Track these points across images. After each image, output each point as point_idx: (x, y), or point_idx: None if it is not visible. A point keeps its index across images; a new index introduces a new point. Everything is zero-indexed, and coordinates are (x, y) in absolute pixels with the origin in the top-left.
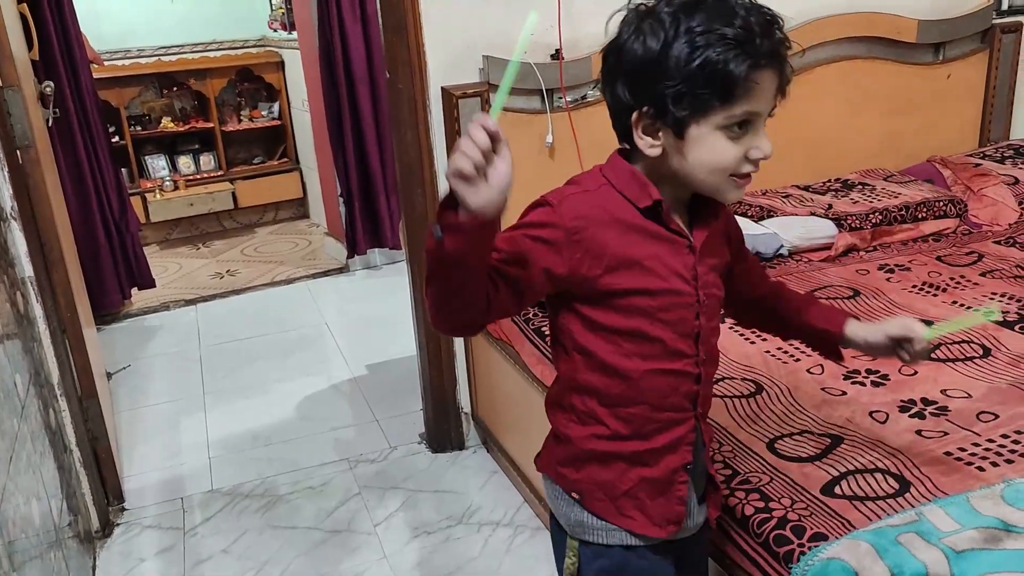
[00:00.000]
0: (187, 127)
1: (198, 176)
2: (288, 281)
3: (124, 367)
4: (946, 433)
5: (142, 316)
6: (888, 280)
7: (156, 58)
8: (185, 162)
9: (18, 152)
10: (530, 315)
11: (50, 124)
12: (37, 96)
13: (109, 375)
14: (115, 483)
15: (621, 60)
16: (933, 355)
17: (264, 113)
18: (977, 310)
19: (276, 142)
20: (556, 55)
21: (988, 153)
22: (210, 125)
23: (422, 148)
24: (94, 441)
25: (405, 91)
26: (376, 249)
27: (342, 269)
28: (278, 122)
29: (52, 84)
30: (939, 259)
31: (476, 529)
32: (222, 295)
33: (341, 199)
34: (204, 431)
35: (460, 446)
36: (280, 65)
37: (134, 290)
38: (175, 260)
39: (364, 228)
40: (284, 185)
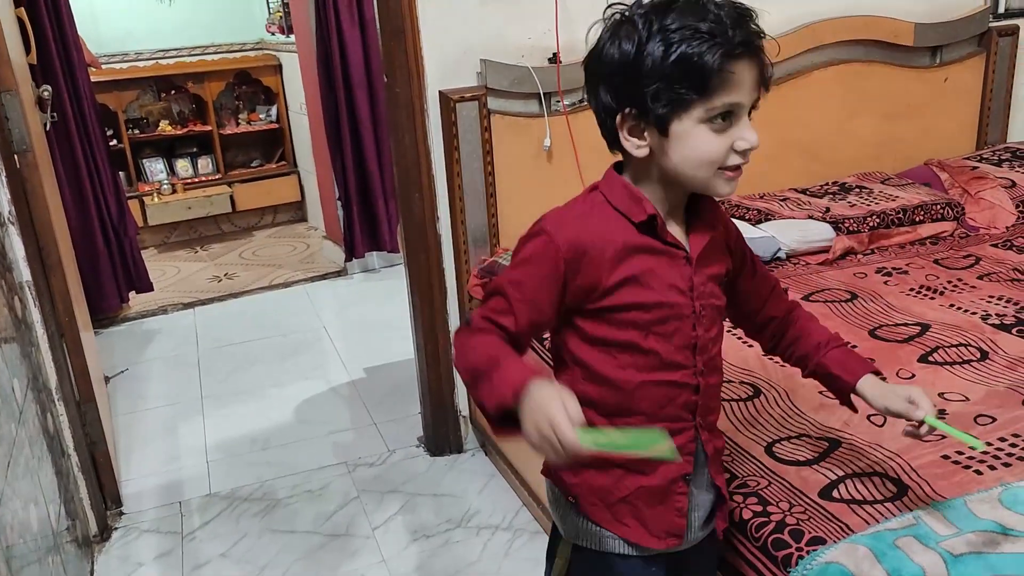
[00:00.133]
0: (185, 130)
1: (196, 179)
2: (286, 284)
3: (122, 371)
4: (943, 436)
5: (140, 320)
6: (886, 283)
7: (154, 61)
8: (183, 165)
9: (16, 157)
10: None
11: (48, 128)
12: (35, 100)
13: (107, 379)
14: (113, 487)
15: (601, 66)
16: (931, 359)
17: (262, 116)
18: (970, 437)
19: (274, 145)
20: (553, 59)
21: (985, 156)
22: (208, 128)
23: (420, 152)
24: (92, 445)
25: (403, 95)
26: (374, 252)
27: (340, 272)
28: (276, 125)
29: (50, 88)
30: (936, 262)
31: (475, 533)
32: (220, 299)
33: (339, 202)
34: (202, 435)
35: (458, 449)
36: (278, 68)
37: (132, 294)
38: (173, 263)
39: (362, 231)
40: (282, 188)
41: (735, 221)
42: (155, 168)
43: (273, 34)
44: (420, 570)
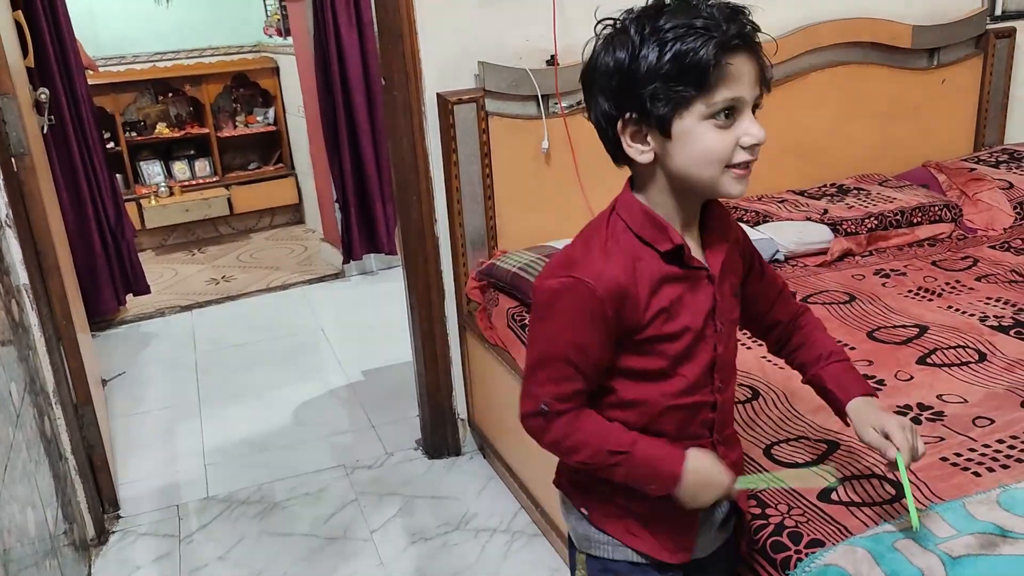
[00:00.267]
0: (182, 133)
1: (194, 182)
2: (284, 287)
3: (119, 374)
4: (942, 438)
5: (137, 322)
6: (884, 285)
7: (151, 64)
8: (180, 168)
9: (13, 160)
10: (525, 320)
11: (45, 131)
12: (32, 103)
13: (104, 382)
14: (110, 491)
15: (597, 75)
16: (929, 360)
17: (260, 119)
18: (915, 515)
19: (272, 148)
20: (551, 61)
21: (983, 158)
22: (205, 131)
23: (418, 154)
24: (89, 449)
25: (401, 97)
26: (372, 255)
27: (338, 275)
28: (273, 128)
29: (47, 91)
30: (934, 264)
31: (473, 535)
32: (218, 301)
33: (337, 205)
34: (200, 438)
35: (456, 452)
36: (275, 71)
37: (129, 296)
38: (170, 266)
39: (360, 234)
40: (280, 191)
41: None
42: (152, 171)
43: (271, 36)
44: (418, 573)
